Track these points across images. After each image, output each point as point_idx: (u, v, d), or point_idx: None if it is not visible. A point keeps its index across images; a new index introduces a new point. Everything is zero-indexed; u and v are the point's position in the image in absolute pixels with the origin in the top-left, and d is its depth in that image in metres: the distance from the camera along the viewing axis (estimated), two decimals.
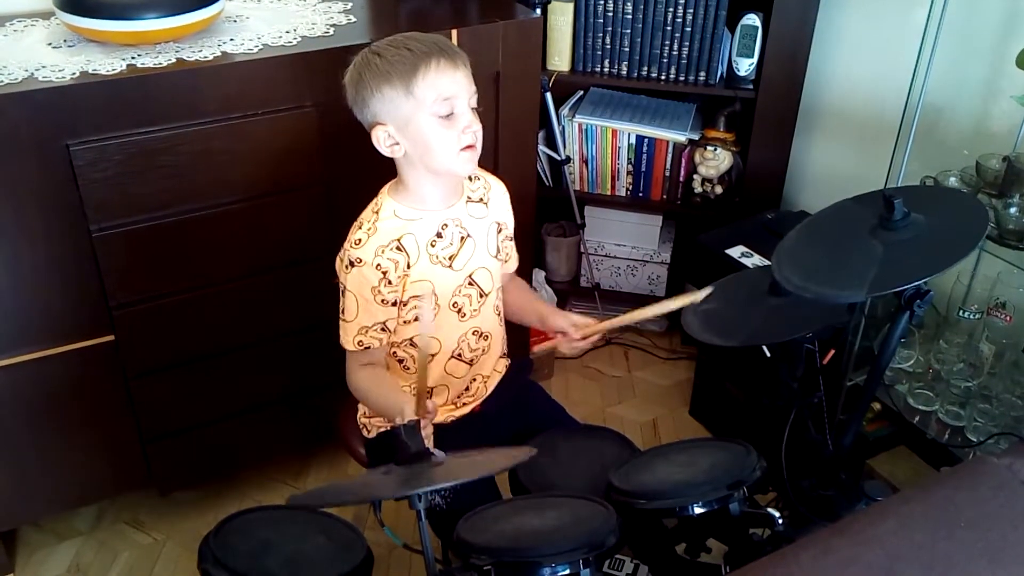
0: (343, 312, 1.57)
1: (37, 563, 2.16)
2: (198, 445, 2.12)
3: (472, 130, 1.47)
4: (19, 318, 1.80)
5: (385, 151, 1.50)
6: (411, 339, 1.61)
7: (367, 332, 1.56)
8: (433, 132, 1.46)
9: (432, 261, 1.55)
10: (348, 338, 1.57)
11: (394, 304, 1.55)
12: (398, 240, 1.52)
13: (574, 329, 1.67)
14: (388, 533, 1.43)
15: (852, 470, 1.71)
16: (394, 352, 1.64)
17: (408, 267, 1.53)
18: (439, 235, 1.56)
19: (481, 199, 1.64)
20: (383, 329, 1.57)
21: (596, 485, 1.52)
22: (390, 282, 1.52)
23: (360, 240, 1.51)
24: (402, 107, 1.45)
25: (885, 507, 1.23)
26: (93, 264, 1.80)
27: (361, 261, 1.50)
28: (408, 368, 1.64)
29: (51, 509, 2.14)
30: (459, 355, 1.65)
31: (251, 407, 2.14)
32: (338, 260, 1.55)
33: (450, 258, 1.57)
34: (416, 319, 1.58)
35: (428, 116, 1.45)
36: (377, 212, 1.54)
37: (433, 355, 1.60)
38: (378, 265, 1.50)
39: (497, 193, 1.68)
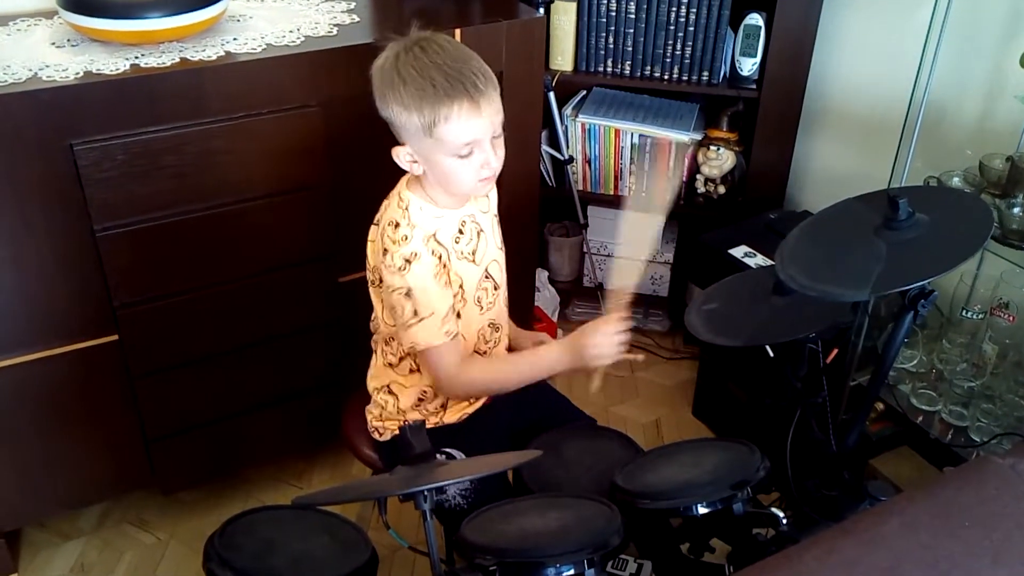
0: (414, 314, 1.49)
1: (41, 563, 2.16)
2: (202, 445, 2.12)
3: (491, 167, 1.47)
4: (23, 318, 1.80)
5: (405, 167, 1.50)
6: None
7: (448, 320, 1.52)
8: (451, 167, 1.46)
9: (459, 257, 1.56)
10: (434, 334, 1.50)
11: (453, 282, 1.55)
12: (435, 234, 1.52)
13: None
14: (393, 535, 1.43)
15: (855, 470, 1.70)
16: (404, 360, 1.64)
17: (447, 259, 1.53)
18: (460, 231, 1.57)
19: (486, 194, 1.64)
20: (457, 315, 1.56)
21: (600, 485, 1.52)
22: (445, 265, 1.51)
23: (406, 236, 1.48)
24: (423, 141, 1.43)
25: (889, 507, 1.23)
26: (97, 264, 1.80)
27: (417, 256, 1.47)
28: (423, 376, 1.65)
29: (55, 509, 2.14)
30: (477, 348, 1.66)
31: (255, 407, 2.14)
32: (385, 269, 1.49)
33: (472, 253, 1.58)
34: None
35: (447, 156, 1.44)
36: (407, 209, 1.51)
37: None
38: (432, 251, 1.49)
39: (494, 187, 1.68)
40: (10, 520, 2.05)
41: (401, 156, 1.48)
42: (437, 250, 1.50)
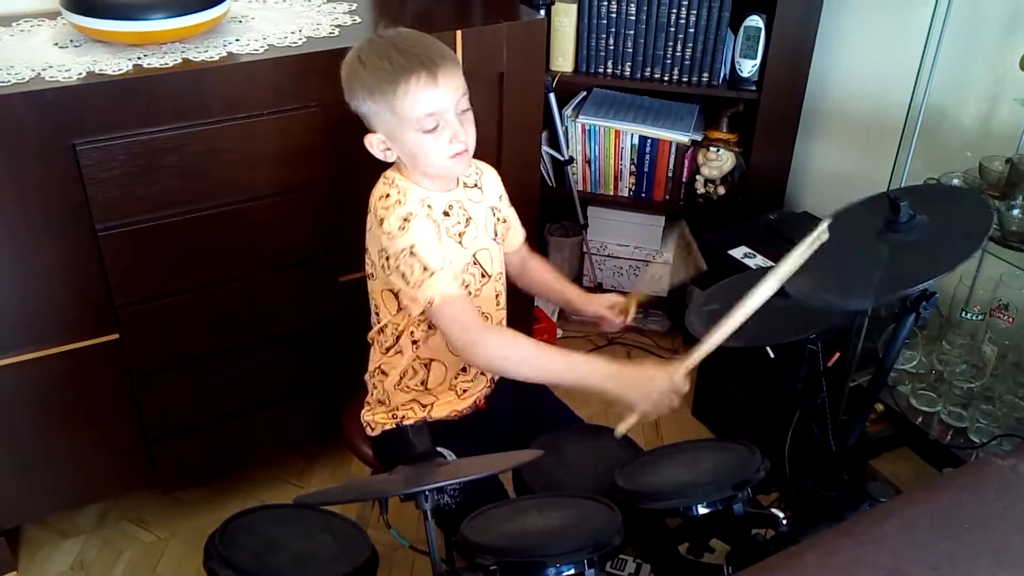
0: (424, 270, 1.42)
1: (41, 561, 2.16)
2: (202, 444, 2.12)
3: (460, 139, 1.48)
4: (25, 316, 1.80)
5: (379, 155, 1.53)
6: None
7: (458, 274, 1.53)
8: (420, 144, 1.48)
9: (448, 234, 1.56)
10: (449, 284, 1.43)
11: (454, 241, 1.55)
12: (427, 199, 1.53)
13: (610, 311, 1.75)
14: (394, 534, 1.43)
15: (855, 471, 1.71)
16: (411, 332, 1.64)
17: (439, 230, 1.52)
18: (446, 213, 1.57)
19: (476, 184, 1.65)
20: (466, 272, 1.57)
21: (600, 485, 1.52)
22: (439, 227, 1.52)
23: (400, 201, 1.49)
24: (388, 122, 1.47)
25: (889, 508, 1.24)
26: (98, 263, 1.80)
27: (413, 215, 1.47)
28: (425, 349, 1.64)
29: (55, 507, 2.14)
30: None
31: (256, 406, 2.14)
32: (386, 237, 1.46)
33: (459, 235, 1.59)
34: None
35: (413, 132, 1.46)
36: (393, 183, 1.54)
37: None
38: (428, 214, 1.50)
39: (489, 178, 1.69)
40: (10, 518, 2.05)
41: (374, 144, 1.52)
42: (431, 215, 1.51)
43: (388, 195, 1.52)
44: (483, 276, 1.64)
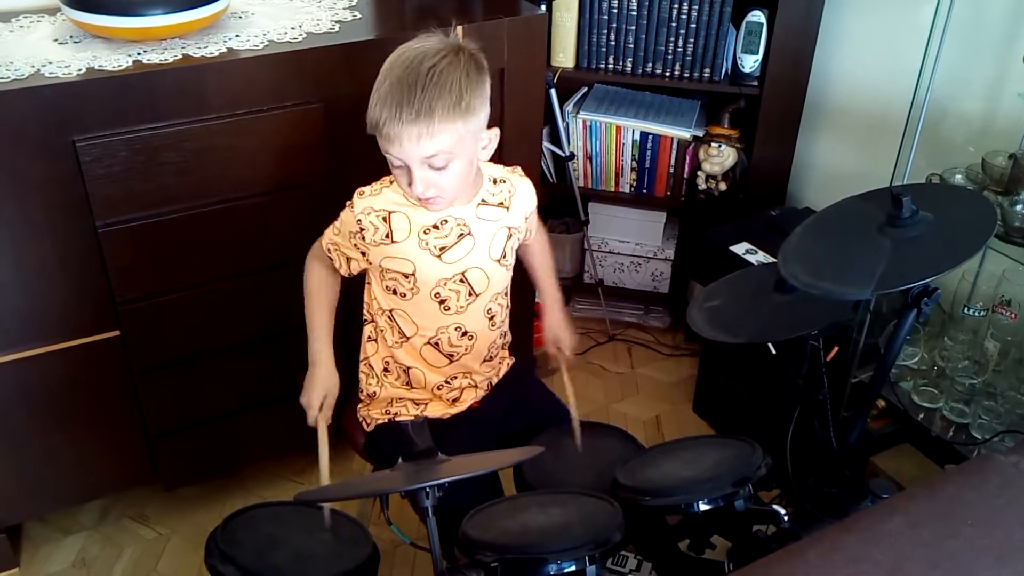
0: (337, 221, 1.63)
1: (43, 558, 2.16)
2: (203, 441, 2.12)
3: (418, 192, 1.46)
4: (25, 314, 1.80)
5: None
6: (391, 312, 1.63)
7: (338, 250, 1.63)
8: (392, 170, 1.50)
9: (421, 246, 1.55)
10: (325, 238, 1.66)
11: (363, 255, 1.59)
12: (389, 213, 1.54)
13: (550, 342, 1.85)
14: (395, 531, 1.43)
15: (857, 467, 1.71)
16: (374, 320, 1.68)
17: (388, 238, 1.54)
18: (436, 226, 1.56)
19: (501, 203, 1.61)
20: (348, 262, 1.62)
21: (601, 482, 1.52)
22: (363, 239, 1.56)
23: (363, 193, 1.57)
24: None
25: (892, 505, 1.23)
26: (99, 260, 1.80)
27: (352, 207, 1.56)
28: (386, 341, 1.67)
29: (56, 504, 2.14)
30: (436, 344, 1.64)
31: (257, 403, 2.14)
32: None
33: (441, 249, 1.56)
34: (395, 292, 1.59)
35: (387, 156, 1.47)
36: (387, 185, 1.57)
37: None
38: (359, 221, 1.54)
39: (522, 196, 1.65)
40: (11, 515, 2.06)
41: None
42: (368, 224, 1.54)
43: (372, 185, 1.58)
44: (470, 294, 1.62)
